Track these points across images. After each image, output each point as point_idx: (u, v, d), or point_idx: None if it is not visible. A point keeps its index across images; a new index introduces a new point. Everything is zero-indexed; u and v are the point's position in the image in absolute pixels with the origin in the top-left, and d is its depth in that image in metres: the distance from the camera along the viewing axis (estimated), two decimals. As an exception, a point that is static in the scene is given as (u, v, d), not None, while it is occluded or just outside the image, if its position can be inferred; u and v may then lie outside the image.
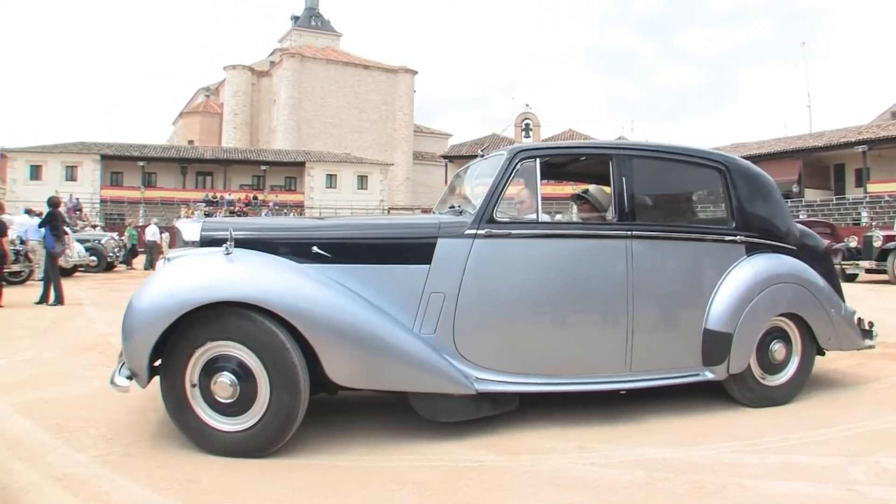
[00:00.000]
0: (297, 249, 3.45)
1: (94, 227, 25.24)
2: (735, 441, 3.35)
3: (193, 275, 3.16)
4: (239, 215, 42.00)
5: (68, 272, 15.03)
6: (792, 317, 4.07)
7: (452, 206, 4.10)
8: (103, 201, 42.53)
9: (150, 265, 20.59)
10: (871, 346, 4.45)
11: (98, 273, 17.43)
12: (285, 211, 43.94)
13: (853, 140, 33.29)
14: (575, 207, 4.64)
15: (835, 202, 34.29)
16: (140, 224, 30.87)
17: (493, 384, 3.41)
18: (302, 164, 47.38)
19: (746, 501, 2.64)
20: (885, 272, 14.35)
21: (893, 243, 14.52)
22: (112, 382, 3.17)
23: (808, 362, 4.15)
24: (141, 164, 44.21)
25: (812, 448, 3.25)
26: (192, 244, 3.50)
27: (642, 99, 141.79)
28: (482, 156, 4.24)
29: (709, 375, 3.81)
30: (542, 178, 3.75)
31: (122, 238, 20.57)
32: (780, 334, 4.07)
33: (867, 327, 4.48)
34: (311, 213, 44.92)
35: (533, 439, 3.39)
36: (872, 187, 33.06)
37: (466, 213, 3.69)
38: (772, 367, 4.03)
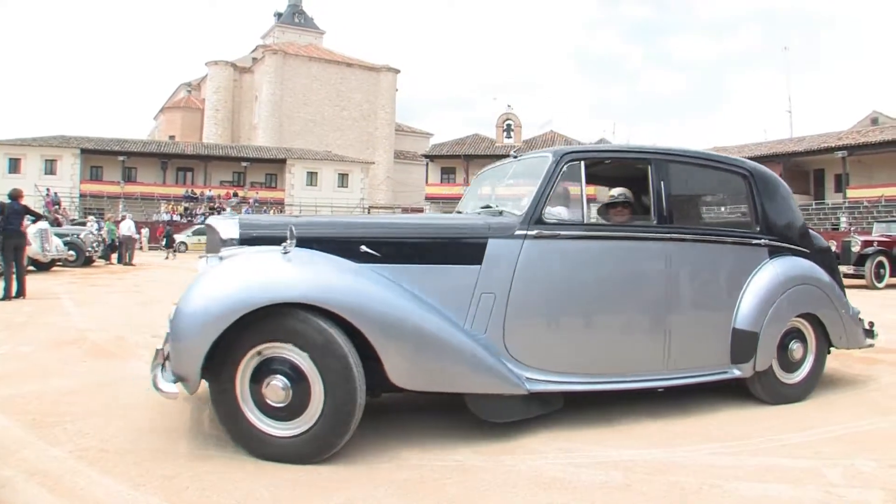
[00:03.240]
0: (344, 248, 3.31)
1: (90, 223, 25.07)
2: (713, 443, 3.37)
3: (253, 274, 3.00)
4: (219, 211, 41.65)
5: (46, 266, 14.78)
6: (807, 317, 4.23)
7: (487, 206, 4.05)
8: (83, 195, 41.86)
9: (121, 259, 20.31)
10: (871, 345, 4.64)
11: (76, 268, 17.14)
12: (265, 209, 43.65)
13: (833, 145, 33.58)
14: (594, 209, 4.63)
15: (814, 207, 34.61)
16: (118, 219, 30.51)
17: (543, 384, 3.43)
18: (283, 161, 47.07)
19: (724, 503, 2.65)
20: (862, 277, 14.45)
21: (871, 248, 14.68)
22: (156, 388, 3.00)
23: (821, 361, 4.33)
24: (121, 158, 43.58)
25: (790, 450, 3.27)
26: (230, 242, 3.32)
27: (628, 103, 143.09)
28: (514, 156, 4.28)
29: (736, 373, 3.96)
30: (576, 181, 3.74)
31: (101, 233, 20.26)
32: (798, 334, 4.24)
33: (868, 327, 4.69)
34: (291, 210, 44.66)
35: (514, 440, 3.38)
36: (852, 193, 33.41)
37: (508, 213, 3.70)
38: (790, 366, 4.19)
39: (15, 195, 10.02)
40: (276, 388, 2.96)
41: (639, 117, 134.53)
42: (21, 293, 9.62)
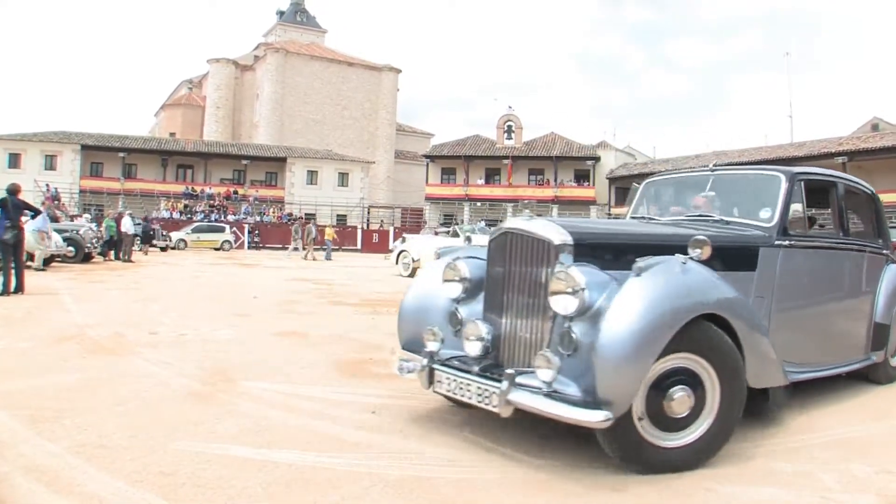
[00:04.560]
0: (621, 254, 3.29)
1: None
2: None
3: (678, 289, 2.98)
4: (219, 209, 41.66)
5: (45, 262, 14.78)
6: None
7: (699, 216, 4.36)
8: (83, 192, 41.80)
9: (119, 255, 20.30)
10: None
11: (75, 264, 17.15)
12: (263, 206, 43.63)
13: (833, 151, 33.34)
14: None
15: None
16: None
17: (793, 375, 3.82)
18: (283, 160, 47.02)
19: (714, 505, 2.68)
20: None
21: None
22: (576, 420, 2.78)
23: None
24: (121, 154, 43.54)
25: (785, 455, 3.30)
26: (564, 248, 3.16)
27: (628, 105, 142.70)
28: (712, 169, 4.66)
29: (874, 359, 4.71)
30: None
31: (100, 229, 20.26)
32: None
33: None
34: (290, 209, 44.66)
35: (505, 441, 3.41)
36: (853, 199, 33.51)
37: (737, 223, 4.15)
38: None
39: (13, 190, 10.03)
40: (682, 399, 2.99)
41: (639, 119, 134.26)
42: (20, 289, 9.63)
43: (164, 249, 29.30)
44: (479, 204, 45.48)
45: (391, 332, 7.10)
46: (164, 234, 30.91)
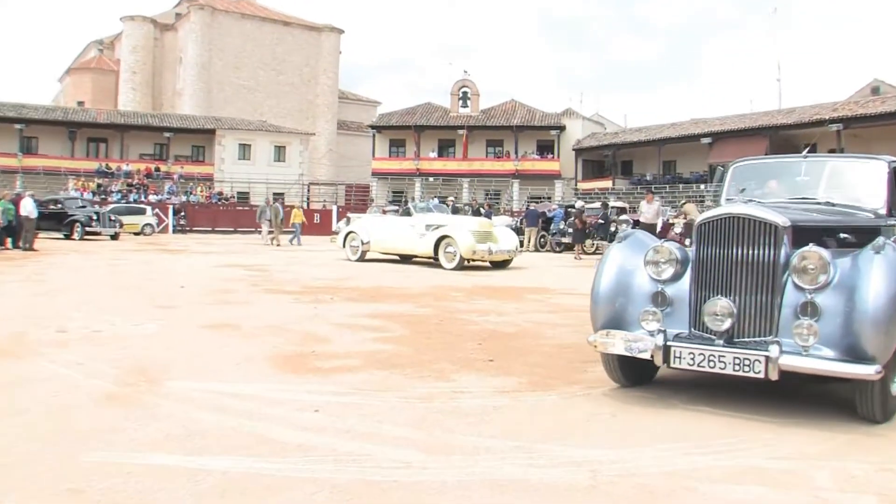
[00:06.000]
0: (832, 235, 4.28)
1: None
2: (683, 442, 3.43)
3: None
4: (138, 188, 40.61)
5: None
6: None
7: (803, 199, 4.99)
8: (-27, 169, 40.16)
9: (16, 243, 19.54)
10: None
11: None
12: (190, 185, 42.70)
13: (827, 117, 32.88)
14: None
15: (804, 183, 35.15)
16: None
17: None
18: (212, 132, 46.11)
19: (696, 504, 2.71)
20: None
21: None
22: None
23: None
24: (18, 126, 41.81)
25: (772, 450, 3.33)
26: (784, 231, 3.87)
27: (597, 70, 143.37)
28: (805, 155, 5.38)
29: None
30: None
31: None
32: None
33: None
34: (220, 187, 43.84)
35: (466, 438, 3.40)
36: (846, 169, 33.79)
37: (842, 206, 4.79)
38: None
39: None
40: None
41: (608, 86, 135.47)
42: None
43: (114, 237, 26.31)
44: (431, 179, 45.45)
45: (337, 322, 7.12)
46: (113, 217, 27.29)
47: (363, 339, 6.14)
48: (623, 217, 18.13)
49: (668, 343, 3.87)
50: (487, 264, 15.67)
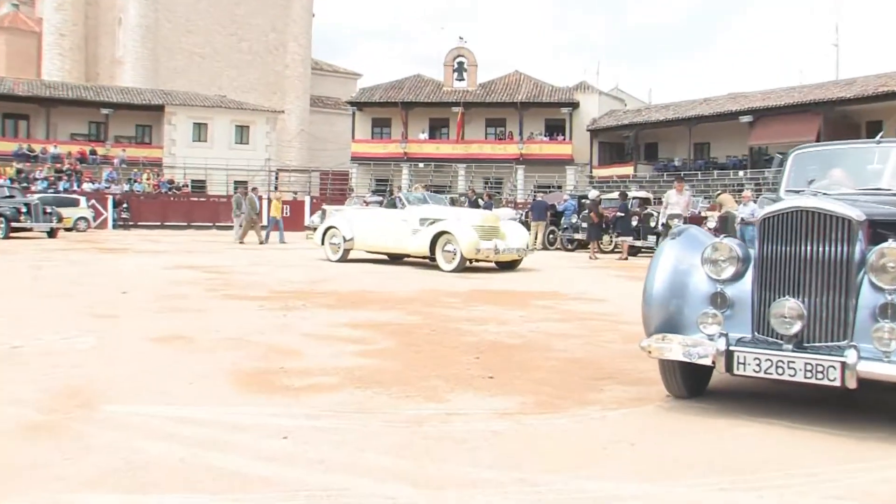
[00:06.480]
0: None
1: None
2: (721, 476, 3.40)
3: None
4: (70, 175, 40.46)
5: None
6: None
7: (892, 193, 5.11)
8: None
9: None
10: None
11: None
12: (134, 172, 42.56)
13: (895, 89, 32.45)
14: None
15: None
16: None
17: None
18: (160, 109, 46.14)
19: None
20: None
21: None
22: None
23: None
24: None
25: (828, 489, 3.28)
26: (858, 226, 4.02)
27: (616, 36, 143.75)
28: (878, 142, 5.62)
29: None
30: None
31: None
32: None
33: None
34: (171, 174, 43.78)
35: (460, 469, 3.39)
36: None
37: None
38: None
39: None
40: None
41: (628, 55, 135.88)
42: None
43: (51, 234, 25.80)
44: (421, 165, 45.63)
45: (310, 333, 7.11)
46: (49, 210, 26.33)
47: (341, 353, 6.14)
48: (675, 211, 18.09)
49: (731, 348, 4.02)
50: (492, 265, 15.73)
